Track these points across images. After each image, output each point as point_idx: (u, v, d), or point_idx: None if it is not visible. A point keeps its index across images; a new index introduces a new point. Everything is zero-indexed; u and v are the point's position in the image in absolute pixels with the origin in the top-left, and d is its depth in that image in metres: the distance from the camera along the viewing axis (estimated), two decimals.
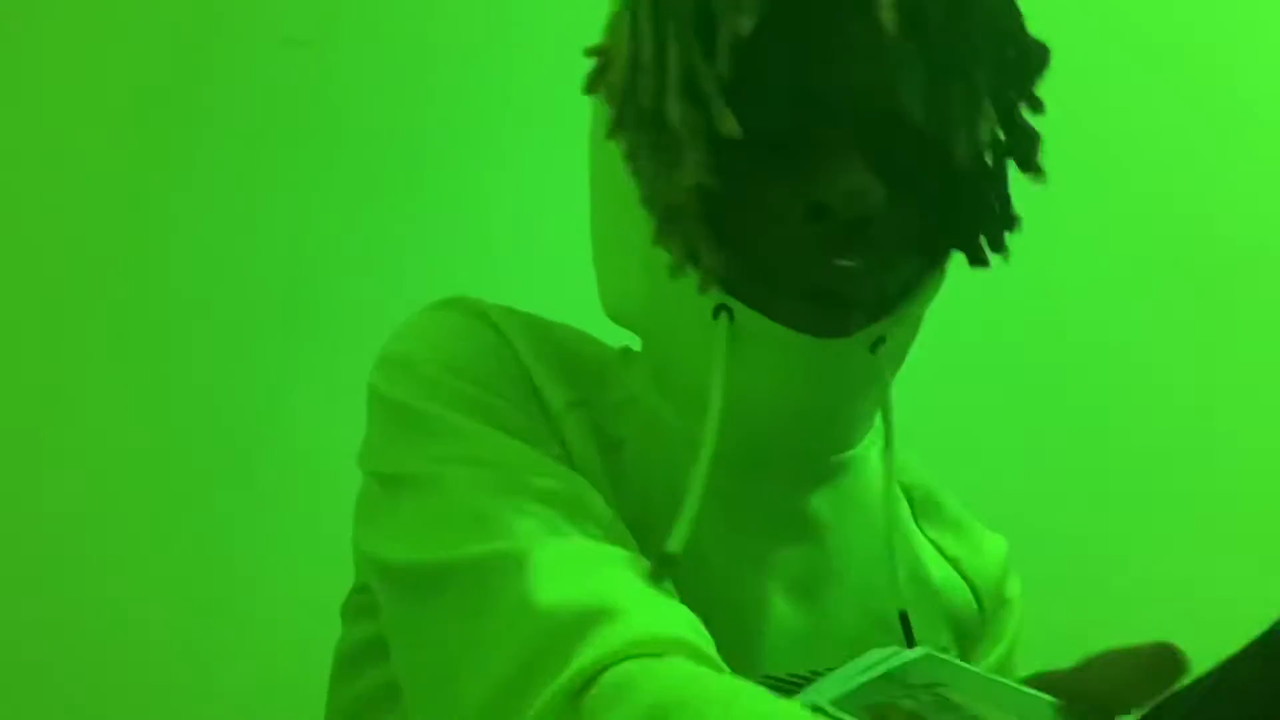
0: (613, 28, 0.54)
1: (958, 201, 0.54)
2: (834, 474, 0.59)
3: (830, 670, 0.48)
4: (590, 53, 0.55)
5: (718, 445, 0.50)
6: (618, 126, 0.52)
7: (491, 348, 0.53)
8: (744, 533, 0.55)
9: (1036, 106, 0.54)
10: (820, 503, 0.58)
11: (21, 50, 1.27)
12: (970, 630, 0.64)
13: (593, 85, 0.54)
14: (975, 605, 0.64)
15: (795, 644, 0.55)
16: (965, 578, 0.64)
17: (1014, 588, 0.67)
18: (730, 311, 0.51)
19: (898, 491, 0.60)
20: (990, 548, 0.67)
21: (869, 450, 0.62)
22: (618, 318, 0.59)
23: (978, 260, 0.56)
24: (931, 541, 0.65)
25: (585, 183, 0.60)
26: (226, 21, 1.29)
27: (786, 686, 0.53)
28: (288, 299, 1.26)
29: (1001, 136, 0.54)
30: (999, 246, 0.56)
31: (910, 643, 0.53)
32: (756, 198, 0.50)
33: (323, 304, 1.26)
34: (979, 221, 0.55)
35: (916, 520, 0.65)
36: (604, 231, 0.58)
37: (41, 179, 1.26)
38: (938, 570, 0.63)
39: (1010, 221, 0.55)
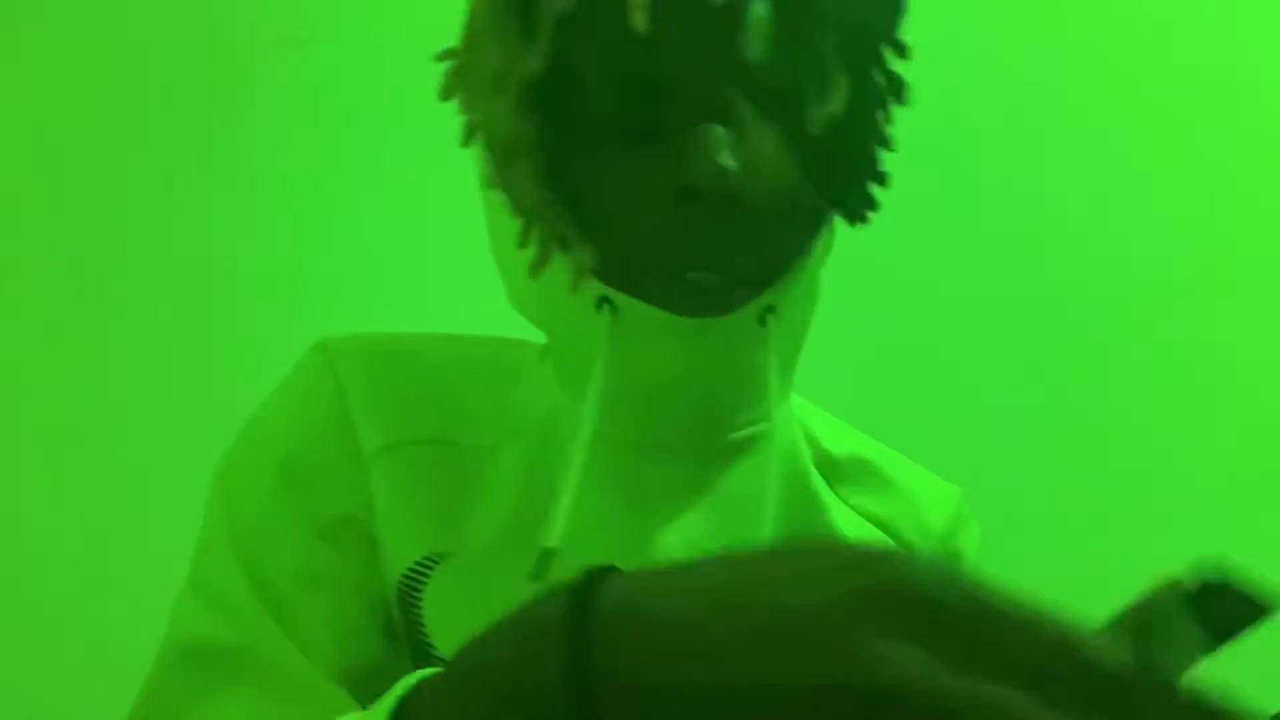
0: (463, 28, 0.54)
1: (828, 160, 0.53)
2: (745, 449, 0.57)
3: None
4: (441, 57, 0.55)
5: (594, 435, 0.51)
6: (470, 133, 0.53)
7: (320, 416, 0.56)
8: (650, 516, 0.55)
9: (902, 51, 0.53)
10: (733, 479, 0.57)
11: (19, 49, 1.27)
12: None
13: (445, 92, 0.54)
14: None
15: None
16: (898, 538, 0.63)
17: (967, 540, 0.65)
18: (612, 304, 0.51)
19: (794, 467, 0.60)
20: (935, 502, 0.65)
21: (786, 423, 0.61)
22: (520, 313, 0.59)
23: (855, 217, 0.55)
24: (854, 508, 0.63)
25: None
26: (225, 21, 1.29)
27: None
28: (287, 298, 1.27)
29: (869, 86, 0.53)
30: (870, 203, 0.55)
31: None
32: (623, 186, 0.50)
33: (322, 303, 1.26)
34: (849, 179, 0.54)
35: (834, 488, 0.63)
36: (494, 231, 0.58)
37: (37, 178, 1.26)
38: (860, 534, 0.62)
39: (879, 177, 0.54)
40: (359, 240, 1.28)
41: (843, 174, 0.54)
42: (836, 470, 0.64)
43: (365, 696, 0.51)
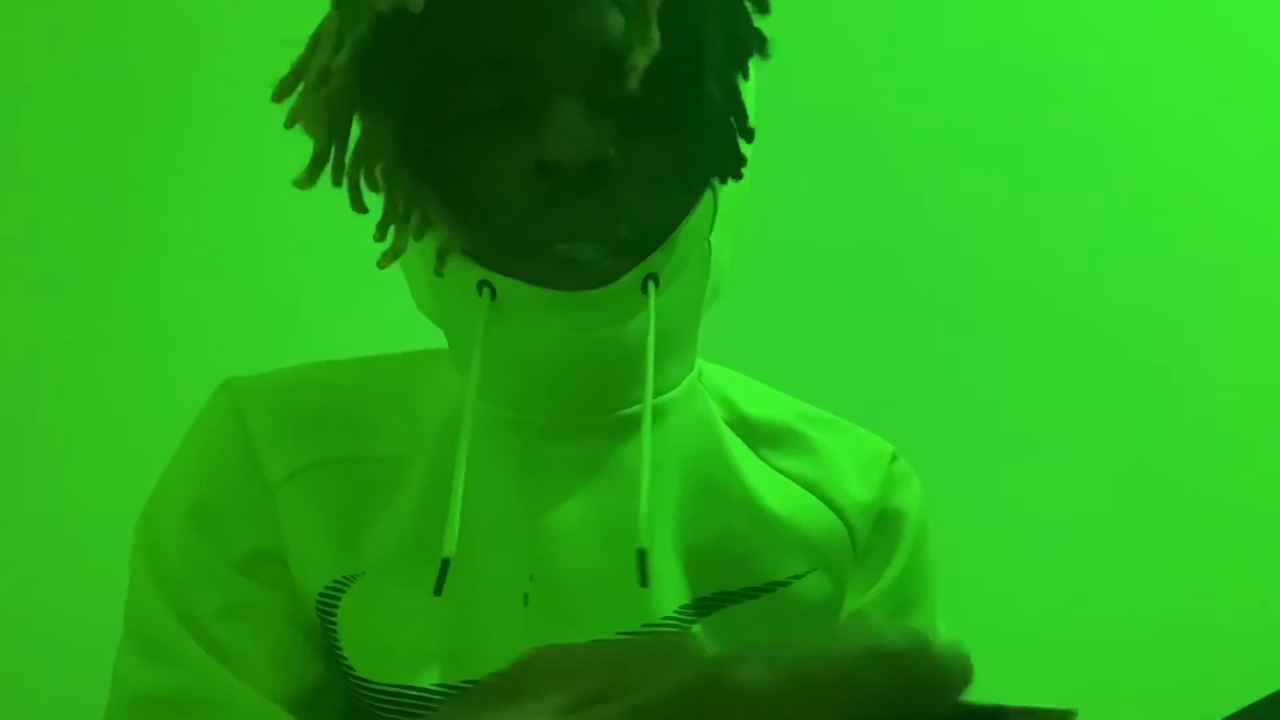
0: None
1: (697, 123, 0.53)
2: (640, 424, 0.55)
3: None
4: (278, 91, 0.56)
5: (474, 420, 0.52)
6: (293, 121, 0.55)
7: (226, 455, 0.56)
8: (546, 496, 0.55)
9: (763, 8, 0.53)
10: (628, 454, 0.56)
11: (18, 49, 1.27)
12: (838, 552, 0.61)
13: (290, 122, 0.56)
14: (840, 526, 0.61)
15: (621, 597, 0.54)
16: (826, 499, 0.62)
17: (905, 498, 0.64)
18: (493, 288, 0.52)
19: (706, 435, 0.60)
20: (865, 463, 0.64)
21: (694, 391, 0.61)
22: (425, 315, 0.60)
23: (728, 175, 0.55)
24: (780, 470, 0.62)
25: None
26: (225, 21, 1.29)
27: None
28: (287, 301, 1.26)
29: (733, 44, 0.53)
30: (741, 160, 0.55)
31: (644, 581, 0.50)
32: (486, 166, 0.51)
33: (323, 307, 1.25)
34: (719, 138, 0.54)
35: (758, 452, 0.63)
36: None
37: (36, 180, 1.26)
38: (784, 497, 0.61)
39: (746, 133, 0.54)
40: (360, 242, 1.28)
41: (712, 134, 0.54)
42: (758, 434, 0.63)
43: (313, 718, 0.52)
